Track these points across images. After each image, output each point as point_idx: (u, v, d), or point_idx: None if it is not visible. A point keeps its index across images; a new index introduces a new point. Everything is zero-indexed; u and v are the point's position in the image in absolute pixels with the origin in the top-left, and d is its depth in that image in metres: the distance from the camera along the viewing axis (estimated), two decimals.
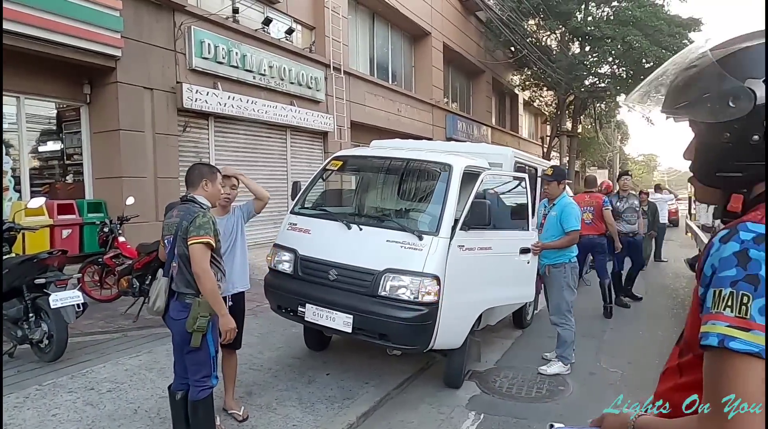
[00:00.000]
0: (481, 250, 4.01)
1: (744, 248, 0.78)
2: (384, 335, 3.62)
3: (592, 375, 4.54)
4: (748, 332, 0.74)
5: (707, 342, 0.78)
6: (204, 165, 3.02)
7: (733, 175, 0.90)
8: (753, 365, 0.74)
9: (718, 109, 0.86)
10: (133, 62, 7.18)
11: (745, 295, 0.75)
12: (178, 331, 2.80)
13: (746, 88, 0.85)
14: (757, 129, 0.85)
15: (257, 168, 9.68)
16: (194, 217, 2.73)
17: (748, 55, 0.87)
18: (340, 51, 11.50)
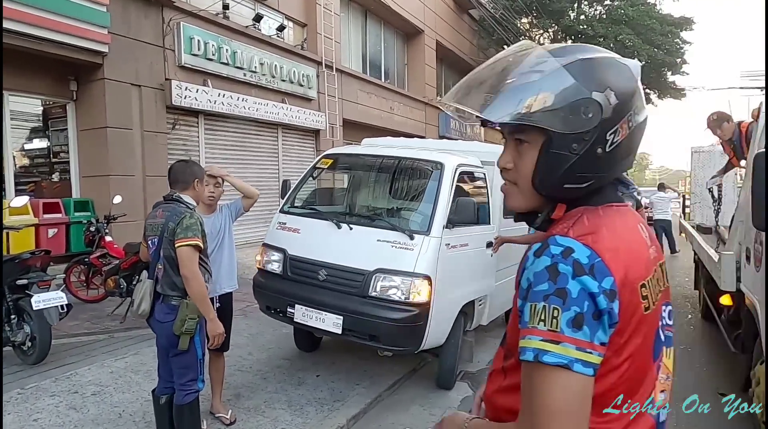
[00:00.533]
0: (462, 247, 3.98)
1: (554, 263, 0.79)
2: (374, 336, 3.57)
3: None
4: (558, 345, 0.75)
5: (524, 357, 0.78)
6: (194, 164, 2.94)
7: (575, 187, 0.87)
8: (563, 377, 0.75)
9: (572, 120, 0.82)
10: (120, 58, 7.06)
11: (555, 309, 0.76)
12: (164, 334, 2.72)
13: (595, 100, 0.82)
14: (601, 142, 0.83)
15: (248, 166, 9.58)
16: (181, 218, 2.65)
17: (592, 66, 0.85)
18: (332, 48, 11.41)
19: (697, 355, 5.00)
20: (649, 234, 0.95)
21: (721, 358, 4.77)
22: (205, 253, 2.79)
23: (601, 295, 0.76)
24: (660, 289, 0.91)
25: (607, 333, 0.78)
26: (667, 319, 0.96)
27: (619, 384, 0.84)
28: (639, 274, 0.84)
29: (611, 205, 0.90)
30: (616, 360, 0.82)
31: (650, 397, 0.91)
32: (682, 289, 8.27)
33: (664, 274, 0.96)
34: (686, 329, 5.95)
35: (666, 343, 0.95)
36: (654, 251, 0.92)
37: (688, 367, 4.68)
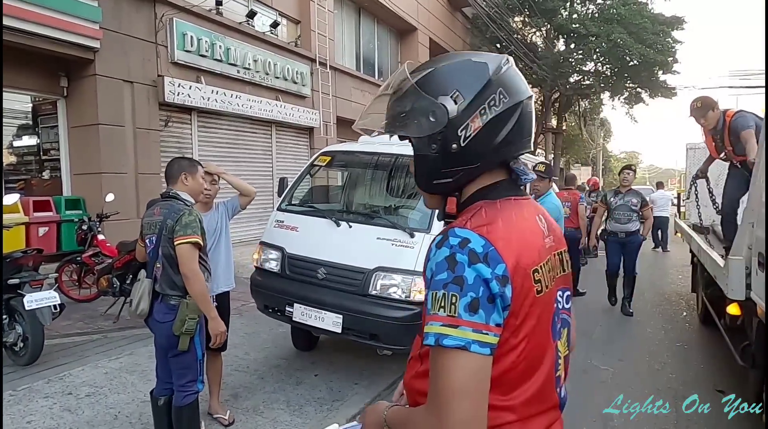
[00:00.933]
0: None
1: (452, 253, 0.86)
2: (375, 335, 3.53)
3: (584, 373, 4.50)
4: (457, 328, 0.82)
5: (427, 341, 0.85)
6: (184, 158, 2.89)
7: (445, 182, 0.98)
8: (462, 357, 0.82)
9: (422, 125, 0.94)
10: (112, 54, 6.95)
11: (453, 296, 0.83)
12: (163, 334, 2.67)
13: (440, 103, 0.93)
14: (454, 139, 0.93)
15: (242, 164, 9.49)
16: (180, 216, 2.60)
17: (438, 75, 0.96)
18: (326, 45, 11.34)
19: (693, 353, 5.02)
20: (549, 224, 1.03)
21: (718, 356, 4.80)
22: (205, 251, 2.74)
23: (494, 281, 0.84)
24: (556, 275, 0.99)
25: (501, 315, 0.85)
26: (564, 303, 1.03)
27: (519, 362, 0.90)
28: (531, 260, 0.91)
29: (510, 199, 0.97)
30: (514, 340, 0.89)
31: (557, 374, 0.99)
32: (675, 287, 8.32)
33: (562, 262, 1.04)
34: (681, 326, 5.97)
35: (562, 325, 1.02)
36: (551, 241, 1.01)
37: (686, 364, 4.70)
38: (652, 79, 18.78)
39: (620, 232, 6.21)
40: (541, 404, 0.95)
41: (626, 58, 17.38)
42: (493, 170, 0.99)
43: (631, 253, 6.31)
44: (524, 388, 0.92)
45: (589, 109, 26.47)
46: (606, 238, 6.47)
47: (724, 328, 4.02)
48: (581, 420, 3.57)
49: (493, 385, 0.86)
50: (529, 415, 0.93)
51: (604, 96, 22.20)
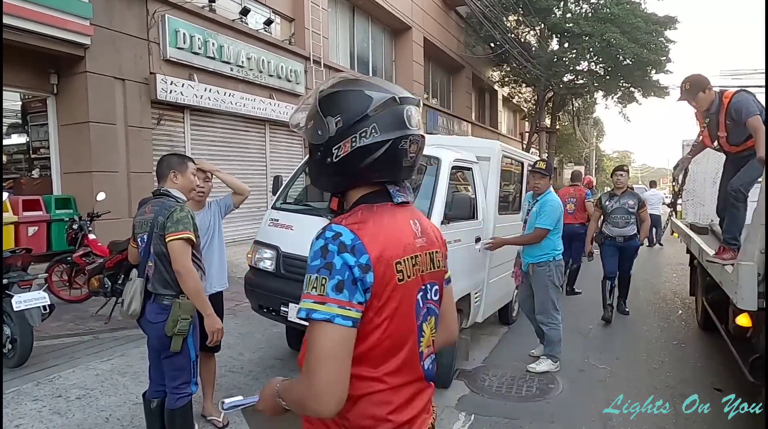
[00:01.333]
0: (456, 242, 3.91)
1: (326, 243, 1.03)
2: None
3: (582, 372, 4.48)
4: (324, 305, 0.99)
5: (300, 315, 1.02)
6: (173, 155, 2.81)
7: (327, 184, 1.19)
8: (328, 328, 0.98)
9: (313, 135, 1.13)
10: (103, 51, 6.85)
11: (323, 278, 1.00)
12: (155, 335, 2.60)
13: (326, 122, 1.10)
14: (329, 154, 1.11)
15: (235, 163, 9.41)
16: (171, 212, 2.54)
17: (334, 98, 1.12)
18: (320, 44, 11.27)
19: (691, 352, 5.01)
20: (423, 229, 1.20)
21: (716, 354, 4.79)
22: (198, 249, 2.68)
23: (356, 268, 1.01)
24: (425, 270, 1.17)
25: (363, 295, 1.02)
26: (433, 295, 1.21)
27: (384, 338, 1.07)
28: (395, 253, 1.08)
29: (387, 205, 1.14)
30: (378, 319, 1.05)
31: (419, 350, 1.16)
32: (670, 285, 8.34)
33: (433, 260, 1.21)
34: (678, 325, 5.97)
35: (429, 313, 1.20)
36: (423, 241, 1.18)
37: (683, 363, 4.68)
38: (645, 79, 18.85)
39: (618, 236, 5.90)
40: (407, 375, 1.13)
41: (619, 58, 17.44)
42: (373, 184, 1.16)
43: (629, 258, 6.07)
44: (391, 361, 1.08)
45: (582, 108, 26.54)
46: (602, 242, 6.10)
47: (729, 337, 3.71)
48: (580, 420, 3.55)
49: (364, 358, 1.05)
50: (396, 384, 1.10)
51: (598, 95, 22.26)
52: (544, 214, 4.23)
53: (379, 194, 1.15)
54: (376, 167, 1.10)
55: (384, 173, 1.13)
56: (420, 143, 1.15)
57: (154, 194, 2.74)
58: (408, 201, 1.19)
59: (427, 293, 1.19)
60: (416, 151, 1.14)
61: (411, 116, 1.12)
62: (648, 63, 17.51)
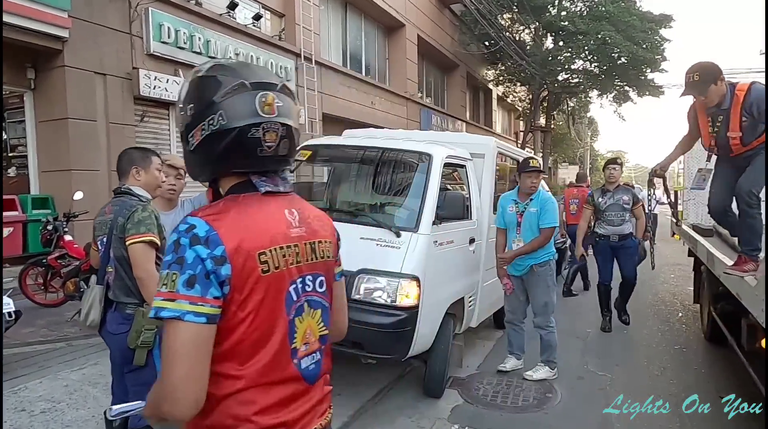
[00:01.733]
0: (448, 243, 3.70)
1: (179, 237, 0.99)
2: (357, 343, 3.24)
3: (581, 379, 4.27)
4: (174, 302, 0.95)
5: (150, 315, 0.98)
6: (135, 149, 2.58)
7: (198, 172, 1.13)
8: (178, 327, 0.94)
9: (178, 121, 1.10)
10: (82, 45, 6.59)
11: (174, 274, 0.96)
12: (117, 348, 2.36)
13: (185, 109, 1.07)
14: (186, 140, 1.08)
15: None
16: (132, 212, 2.30)
17: (192, 84, 1.08)
18: (312, 40, 11.02)
19: (693, 357, 4.82)
20: (303, 218, 1.16)
21: (719, 359, 4.60)
22: (163, 252, 2.44)
23: (209, 260, 0.96)
24: (304, 261, 1.12)
25: (219, 289, 0.97)
26: (317, 287, 1.16)
27: (250, 333, 1.01)
28: (258, 244, 1.03)
29: (255, 194, 1.09)
30: (242, 313, 1.00)
31: (291, 347, 1.08)
32: (668, 286, 8.17)
33: (315, 251, 1.16)
34: (678, 328, 5.78)
35: (313, 306, 1.15)
36: (302, 231, 1.13)
37: (686, 369, 4.49)
38: (640, 78, 18.74)
39: (613, 235, 5.39)
40: (277, 373, 1.05)
41: (615, 56, 17.30)
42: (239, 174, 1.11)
43: (628, 258, 5.53)
44: (257, 357, 1.02)
45: (578, 107, 26.44)
46: (595, 242, 5.60)
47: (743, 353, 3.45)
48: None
49: (230, 355, 1.00)
50: (264, 383, 1.03)
51: (593, 94, 22.14)
52: (547, 212, 4.01)
53: (246, 184, 1.11)
54: (229, 157, 1.06)
55: (239, 163, 1.08)
56: (281, 131, 1.07)
57: (115, 193, 2.51)
58: (279, 190, 1.13)
59: (305, 285, 1.13)
60: (275, 140, 1.06)
61: (266, 103, 1.05)
62: (643, 61, 17.39)
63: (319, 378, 1.16)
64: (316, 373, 1.15)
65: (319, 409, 1.16)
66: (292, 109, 1.11)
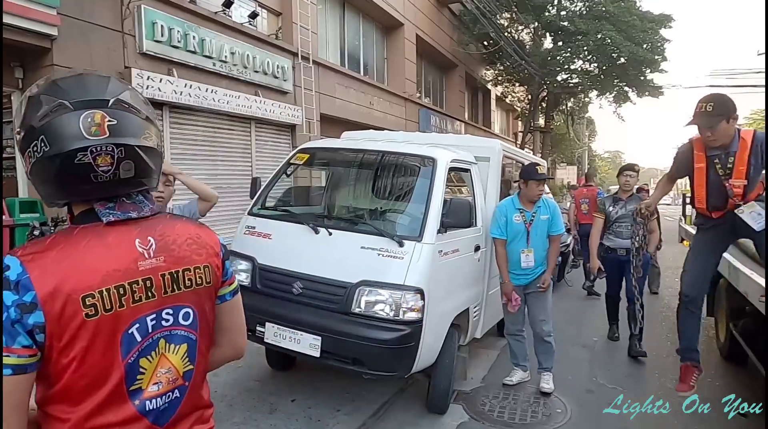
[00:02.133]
0: (453, 253, 3.52)
1: None
2: (358, 360, 3.06)
3: (590, 393, 4.10)
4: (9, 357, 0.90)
5: None
6: None
7: (46, 198, 1.03)
8: None
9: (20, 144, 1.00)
10: (72, 43, 6.37)
11: None
12: None
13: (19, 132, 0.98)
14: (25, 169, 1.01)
15: (218, 163, 8.95)
16: None
17: (28, 103, 0.97)
18: (309, 39, 10.82)
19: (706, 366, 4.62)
20: (163, 246, 1.05)
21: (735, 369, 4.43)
22: None
23: (14, 308, 0.89)
24: (153, 296, 1.03)
25: (28, 338, 0.90)
26: (181, 321, 1.08)
27: (77, 378, 0.95)
28: (84, 286, 0.94)
29: (97, 225, 0.99)
30: (64, 360, 0.93)
31: (132, 388, 1.01)
32: (672, 291, 7.94)
33: (182, 280, 1.07)
34: None
35: (173, 342, 1.07)
36: (159, 262, 1.04)
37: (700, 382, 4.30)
38: (639, 78, 18.60)
39: (621, 248, 4.89)
40: (113, 416, 0.99)
41: (614, 56, 17.16)
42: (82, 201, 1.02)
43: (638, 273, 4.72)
44: (90, 400, 0.97)
45: (577, 107, 26.32)
46: (603, 256, 5.08)
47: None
48: None
49: (60, 397, 0.95)
50: (99, 425, 0.98)
51: (592, 95, 22.01)
52: (558, 219, 3.94)
53: (89, 213, 1.01)
54: (63, 184, 0.97)
55: (75, 191, 0.98)
56: (117, 154, 0.96)
57: None
58: (130, 217, 1.02)
59: (160, 321, 1.04)
60: (110, 164, 0.96)
61: (93, 123, 0.95)
62: (643, 61, 17.25)
63: (179, 417, 1.08)
64: (170, 412, 1.07)
65: None
66: (132, 126, 0.99)
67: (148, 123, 1.04)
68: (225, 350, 1.25)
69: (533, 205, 3.90)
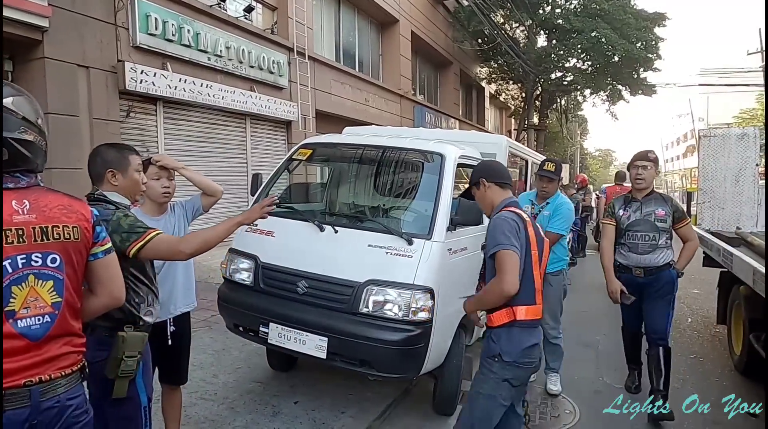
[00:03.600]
0: (462, 251, 3.43)
1: None
2: (366, 362, 2.97)
3: (598, 394, 4.04)
4: None
5: None
6: (109, 147, 2.18)
7: None
8: None
9: None
10: (64, 35, 6.20)
11: None
12: (95, 378, 2.04)
13: None
14: None
15: (213, 159, 8.80)
16: (115, 221, 1.99)
17: None
18: (305, 34, 10.68)
19: (711, 366, 4.61)
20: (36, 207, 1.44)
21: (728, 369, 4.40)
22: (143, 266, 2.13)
23: None
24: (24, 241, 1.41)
25: None
26: (49, 263, 1.45)
27: None
28: None
29: None
30: None
31: (8, 309, 1.37)
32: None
33: (49, 234, 1.44)
34: (690, 334, 5.59)
35: (41, 278, 1.44)
36: (31, 218, 1.43)
37: (705, 380, 4.29)
38: (633, 77, 18.63)
39: (636, 267, 3.61)
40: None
41: (609, 54, 17.16)
42: None
43: (661, 302, 3.59)
44: None
45: (572, 105, 26.37)
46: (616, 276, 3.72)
47: None
48: None
49: None
50: None
51: (586, 93, 22.04)
52: (559, 218, 3.77)
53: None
54: None
55: None
56: None
57: (88, 200, 2.16)
58: (8, 187, 1.42)
59: (30, 261, 1.41)
60: None
61: None
62: (638, 60, 17.28)
63: (51, 337, 1.43)
64: (40, 332, 1.41)
65: (56, 363, 1.44)
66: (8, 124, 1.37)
67: (26, 122, 1.45)
68: (102, 299, 1.63)
69: (543, 201, 3.87)
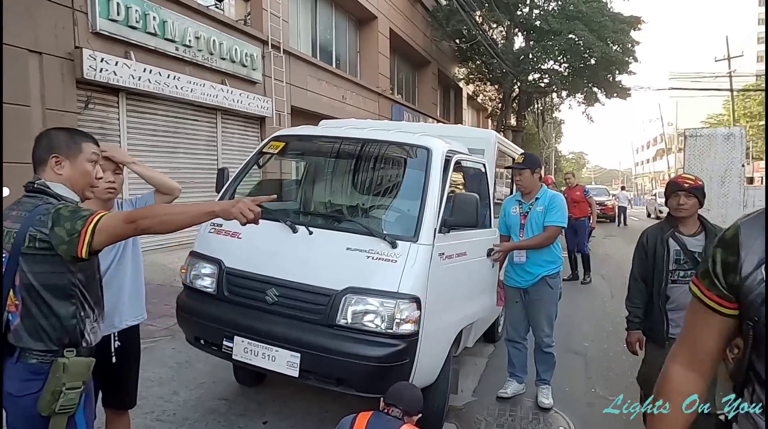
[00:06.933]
0: (458, 256, 3.13)
1: None
2: (344, 380, 2.63)
3: (590, 406, 3.79)
4: None
5: None
6: (62, 130, 1.86)
7: None
8: None
9: None
10: (13, 18, 5.67)
11: None
12: (20, 415, 1.66)
13: None
14: None
15: (181, 155, 8.32)
16: (56, 211, 1.63)
17: None
18: (280, 27, 10.26)
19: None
20: None
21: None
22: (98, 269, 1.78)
23: None
24: None
25: None
26: None
27: None
28: None
29: None
30: None
31: None
32: None
33: None
34: None
35: None
36: None
37: None
38: (608, 79, 18.79)
39: None
40: None
41: (586, 56, 17.24)
42: None
43: None
44: None
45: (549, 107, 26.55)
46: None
47: None
48: None
49: None
50: None
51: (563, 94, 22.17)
52: (555, 210, 3.52)
53: None
54: None
55: None
56: None
57: (26, 190, 1.81)
58: None
59: None
60: None
61: None
62: (614, 62, 17.40)
63: None
64: None
65: None
66: None
67: None
68: None
69: (531, 197, 3.61)
